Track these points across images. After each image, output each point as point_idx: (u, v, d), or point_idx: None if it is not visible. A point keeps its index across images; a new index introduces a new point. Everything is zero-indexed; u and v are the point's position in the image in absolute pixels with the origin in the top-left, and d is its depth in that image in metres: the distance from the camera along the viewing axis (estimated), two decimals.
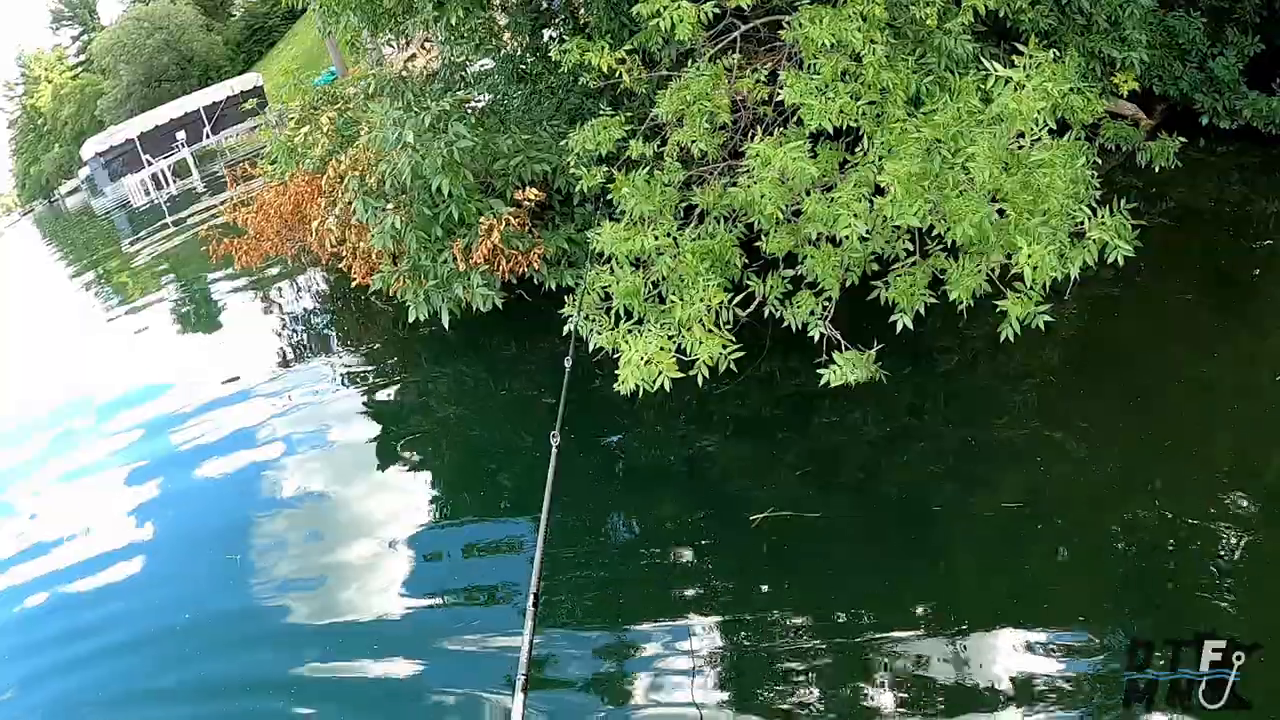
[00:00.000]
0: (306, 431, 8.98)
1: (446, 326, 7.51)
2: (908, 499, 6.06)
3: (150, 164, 27.92)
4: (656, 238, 5.62)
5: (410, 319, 7.54)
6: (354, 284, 8.75)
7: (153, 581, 7.38)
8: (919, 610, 5.16)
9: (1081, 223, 5.23)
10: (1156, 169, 7.96)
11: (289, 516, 7.69)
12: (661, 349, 5.21)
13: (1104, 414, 6.62)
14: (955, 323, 5.81)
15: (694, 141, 6.09)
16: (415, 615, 6.12)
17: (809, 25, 6.22)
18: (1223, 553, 5.27)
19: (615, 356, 5.52)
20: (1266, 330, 7.62)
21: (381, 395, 9.22)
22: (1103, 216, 5.23)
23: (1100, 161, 7.50)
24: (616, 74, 6.92)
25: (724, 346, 5.35)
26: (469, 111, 8.61)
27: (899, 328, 5.53)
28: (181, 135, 28.22)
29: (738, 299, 5.87)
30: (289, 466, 8.45)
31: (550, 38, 9.57)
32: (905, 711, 4.62)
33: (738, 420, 7.12)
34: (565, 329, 6.42)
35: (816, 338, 5.74)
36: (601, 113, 6.81)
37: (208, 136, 28.71)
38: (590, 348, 5.99)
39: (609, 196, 6.18)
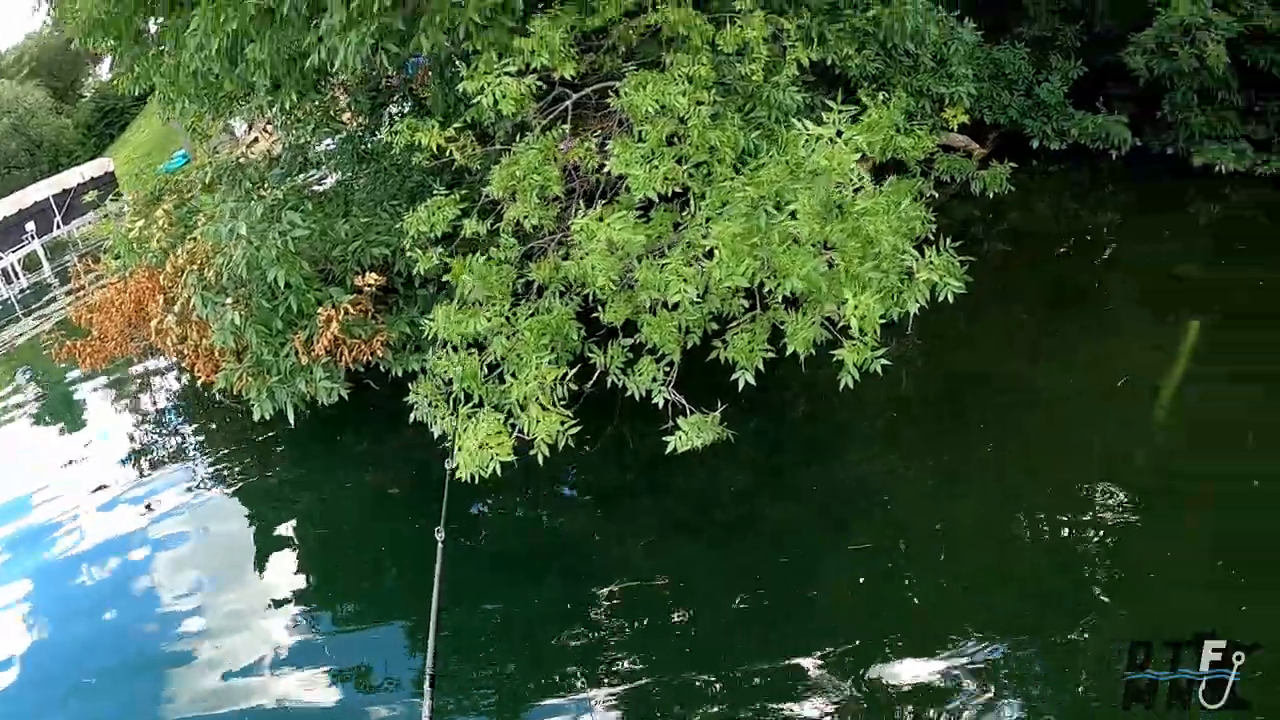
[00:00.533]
0: (165, 540, 8.45)
1: (292, 423, 7.20)
2: (770, 549, 6.10)
3: None
4: (489, 319, 5.52)
5: (256, 417, 7.21)
6: (200, 382, 8.34)
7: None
8: (796, 657, 5.22)
9: (911, 265, 5.32)
10: (991, 195, 8.24)
11: (155, 623, 7.26)
12: (497, 432, 5.10)
13: (962, 436, 6.81)
14: (798, 371, 5.86)
15: (526, 217, 6.02)
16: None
17: (633, 92, 6.27)
18: (1102, 549, 5.53)
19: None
20: (1108, 336, 7.99)
21: (237, 498, 8.76)
22: (930, 256, 5.34)
23: (936, 195, 7.73)
24: (448, 152, 6.83)
25: (561, 423, 5.27)
26: (309, 196, 8.37)
27: (741, 385, 5.52)
28: (31, 226, 26.76)
29: (574, 372, 5.78)
30: (151, 577, 7.95)
31: (390, 115, 9.43)
32: None
33: (593, 491, 7.09)
34: (413, 416, 6.25)
35: (661, 404, 5.69)
36: (437, 192, 6.70)
37: (59, 226, 27.18)
38: (436, 434, 5.84)
39: (445, 278, 6.06)
